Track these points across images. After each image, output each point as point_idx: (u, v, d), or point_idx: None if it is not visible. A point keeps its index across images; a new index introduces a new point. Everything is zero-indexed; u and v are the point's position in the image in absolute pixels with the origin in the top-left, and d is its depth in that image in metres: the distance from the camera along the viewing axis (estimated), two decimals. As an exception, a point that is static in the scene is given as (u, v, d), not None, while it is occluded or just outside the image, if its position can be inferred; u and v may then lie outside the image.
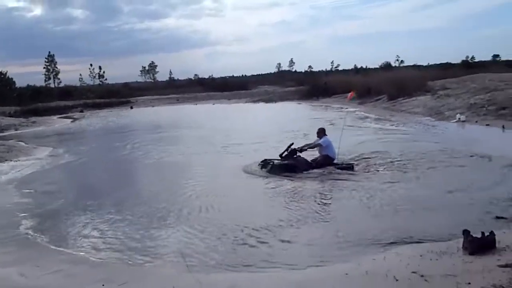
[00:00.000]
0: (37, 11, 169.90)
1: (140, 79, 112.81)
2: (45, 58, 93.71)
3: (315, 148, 13.19)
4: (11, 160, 16.92)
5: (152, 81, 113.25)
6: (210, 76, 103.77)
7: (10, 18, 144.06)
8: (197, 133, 22.91)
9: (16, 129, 33.35)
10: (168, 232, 7.88)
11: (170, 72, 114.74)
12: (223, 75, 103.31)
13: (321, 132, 13.26)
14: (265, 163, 12.73)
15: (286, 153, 12.73)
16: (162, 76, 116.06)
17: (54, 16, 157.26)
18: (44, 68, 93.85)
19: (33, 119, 40.86)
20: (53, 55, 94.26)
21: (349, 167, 12.46)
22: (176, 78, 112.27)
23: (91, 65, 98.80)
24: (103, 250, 7.23)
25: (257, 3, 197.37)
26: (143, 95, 74.01)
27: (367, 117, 26.80)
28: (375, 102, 34.15)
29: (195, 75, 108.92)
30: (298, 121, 26.21)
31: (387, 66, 69.93)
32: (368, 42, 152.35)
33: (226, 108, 47.64)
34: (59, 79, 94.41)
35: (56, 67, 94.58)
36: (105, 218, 8.99)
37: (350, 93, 18.35)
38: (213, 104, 54.48)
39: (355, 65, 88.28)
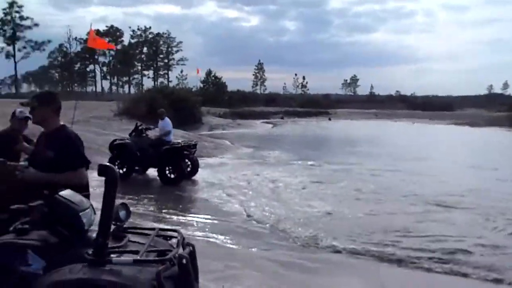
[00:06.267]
0: (254, 21, 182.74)
1: (341, 91, 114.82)
2: (255, 66, 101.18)
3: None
4: (217, 156, 18.53)
5: (352, 94, 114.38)
6: (412, 94, 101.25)
7: (230, 28, 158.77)
8: (390, 151, 22.31)
9: (223, 129, 36.45)
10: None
11: (371, 86, 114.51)
12: (426, 94, 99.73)
13: (162, 114, 13.33)
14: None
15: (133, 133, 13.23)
16: (362, 90, 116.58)
17: (268, 27, 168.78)
18: (253, 75, 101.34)
19: (238, 121, 44.31)
20: (262, 63, 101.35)
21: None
22: (376, 93, 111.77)
23: (295, 74, 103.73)
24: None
25: (473, 19, 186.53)
26: (342, 107, 74.97)
27: None
28: None
29: (397, 91, 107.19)
30: (498, 151, 23.92)
31: None
32: None
33: (426, 128, 45.78)
34: (265, 86, 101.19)
35: (264, 75, 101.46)
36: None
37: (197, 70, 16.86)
38: (413, 123, 52.81)
39: None
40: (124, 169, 12.54)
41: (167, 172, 12.23)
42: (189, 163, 12.86)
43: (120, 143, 12.86)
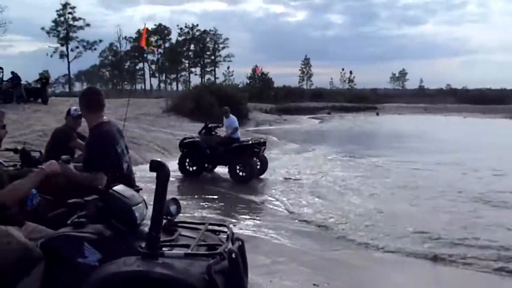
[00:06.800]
0: (300, 16, 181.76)
1: (389, 86, 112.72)
2: (302, 61, 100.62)
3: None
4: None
5: (401, 88, 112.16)
6: (463, 87, 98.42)
7: (276, 24, 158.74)
8: (438, 146, 21.72)
9: (270, 125, 36.52)
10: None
11: (421, 80, 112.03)
12: (478, 87, 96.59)
13: (227, 112, 13.28)
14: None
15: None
16: (411, 83, 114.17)
17: (315, 21, 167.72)
18: (299, 70, 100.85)
19: (285, 117, 44.21)
20: (309, 58, 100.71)
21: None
22: (426, 86, 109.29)
23: (342, 69, 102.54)
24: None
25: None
26: (390, 102, 73.73)
27: None
28: None
29: (447, 84, 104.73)
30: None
31: None
32: None
33: (477, 123, 44.37)
34: (311, 81, 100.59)
35: (310, 70, 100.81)
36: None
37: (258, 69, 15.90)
38: (464, 117, 51.34)
39: None
40: (195, 167, 12.76)
41: (237, 170, 12.25)
42: (258, 161, 12.75)
43: (190, 141, 12.93)
